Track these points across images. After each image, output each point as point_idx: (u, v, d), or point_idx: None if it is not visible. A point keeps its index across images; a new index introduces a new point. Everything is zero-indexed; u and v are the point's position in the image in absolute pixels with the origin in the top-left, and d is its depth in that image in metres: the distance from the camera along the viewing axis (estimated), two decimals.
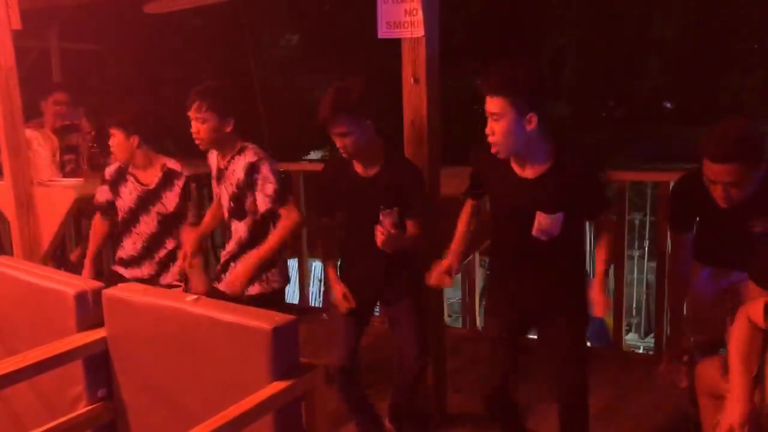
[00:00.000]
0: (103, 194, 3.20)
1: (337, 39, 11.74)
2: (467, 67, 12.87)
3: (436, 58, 2.87)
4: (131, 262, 3.16)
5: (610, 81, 14.29)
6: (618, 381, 3.32)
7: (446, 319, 4.36)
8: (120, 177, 3.14)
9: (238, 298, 2.62)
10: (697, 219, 2.50)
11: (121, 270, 3.17)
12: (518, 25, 13.18)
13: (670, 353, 2.52)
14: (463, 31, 12.43)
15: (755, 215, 2.01)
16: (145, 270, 3.14)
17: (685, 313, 2.62)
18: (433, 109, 2.88)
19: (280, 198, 2.67)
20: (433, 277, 2.42)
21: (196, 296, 1.85)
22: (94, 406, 2.02)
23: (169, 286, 3.06)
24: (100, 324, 2.00)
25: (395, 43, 2.89)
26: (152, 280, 3.08)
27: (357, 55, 11.36)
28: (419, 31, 2.77)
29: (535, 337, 2.65)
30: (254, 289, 2.74)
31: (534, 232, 2.21)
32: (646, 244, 8.57)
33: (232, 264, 2.81)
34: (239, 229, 2.78)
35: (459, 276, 4.26)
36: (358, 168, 2.61)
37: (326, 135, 2.55)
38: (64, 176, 3.89)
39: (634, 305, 8.67)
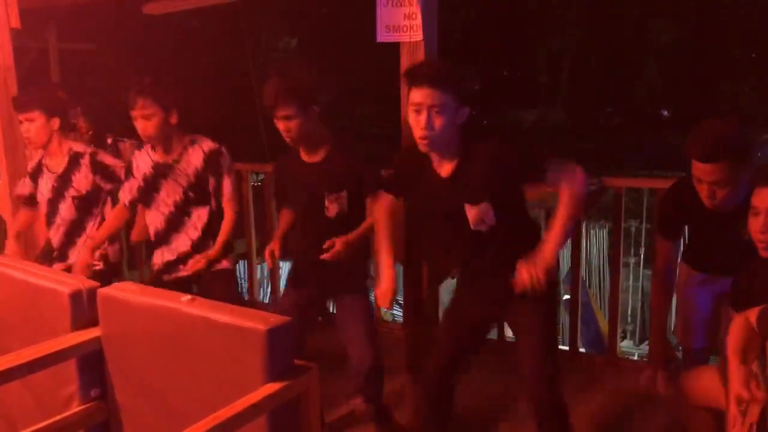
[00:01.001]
0: (25, 187, 3.22)
1: (335, 42, 11.77)
2: (464, 72, 12.91)
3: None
4: (58, 255, 3.17)
5: (607, 88, 14.34)
6: (612, 388, 3.32)
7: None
8: (38, 170, 3.17)
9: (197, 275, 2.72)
10: (689, 226, 2.51)
11: (56, 265, 3.15)
12: (515, 31, 13.22)
13: (655, 360, 2.52)
14: (461, 35, 12.47)
15: (744, 222, 2.02)
16: (71, 259, 3.14)
17: (675, 319, 2.63)
18: None
19: (234, 186, 2.78)
20: (380, 302, 2.32)
21: (191, 296, 1.85)
22: (87, 405, 2.01)
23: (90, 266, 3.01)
24: (94, 323, 2.00)
25: (393, 47, 2.90)
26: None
27: (355, 58, 11.38)
28: (418, 36, 2.79)
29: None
30: (222, 265, 2.81)
31: (471, 226, 2.18)
32: (642, 251, 8.57)
33: (195, 255, 2.80)
34: (202, 215, 2.79)
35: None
36: (303, 156, 2.61)
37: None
38: None
39: (629, 312, 8.67)
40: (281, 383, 1.65)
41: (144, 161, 2.83)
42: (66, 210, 3.13)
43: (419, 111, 2.07)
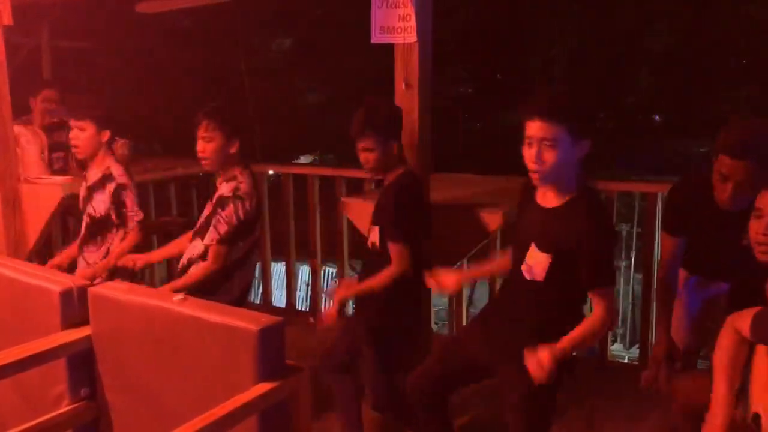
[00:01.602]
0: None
1: (329, 44, 11.76)
2: (458, 75, 12.93)
3: (428, 64, 2.89)
4: (69, 267, 3.14)
5: (600, 93, 14.40)
6: (602, 391, 3.33)
7: (433, 326, 4.36)
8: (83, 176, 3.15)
9: None
10: (691, 224, 2.50)
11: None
12: (510, 36, 13.26)
13: (657, 358, 2.52)
14: (453, 40, 12.49)
15: (746, 227, 2.02)
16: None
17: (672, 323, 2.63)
18: (424, 115, 2.89)
19: (219, 241, 2.67)
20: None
21: (182, 296, 1.84)
22: (77, 405, 2.00)
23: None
24: (85, 322, 1.99)
25: (388, 49, 2.90)
26: None
27: (349, 60, 11.38)
28: (412, 37, 2.79)
29: None
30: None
31: (522, 268, 2.08)
32: (633, 255, 8.63)
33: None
34: (197, 246, 2.76)
35: None
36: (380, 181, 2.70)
37: (322, 137, 2.57)
38: (52, 174, 3.86)
39: (620, 316, 8.71)
40: (272, 383, 1.65)
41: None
42: (83, 225, 3.10)
43: (531, 144, 1.96)
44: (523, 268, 2.08)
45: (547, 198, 2.08)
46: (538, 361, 1.96)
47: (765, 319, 1.83)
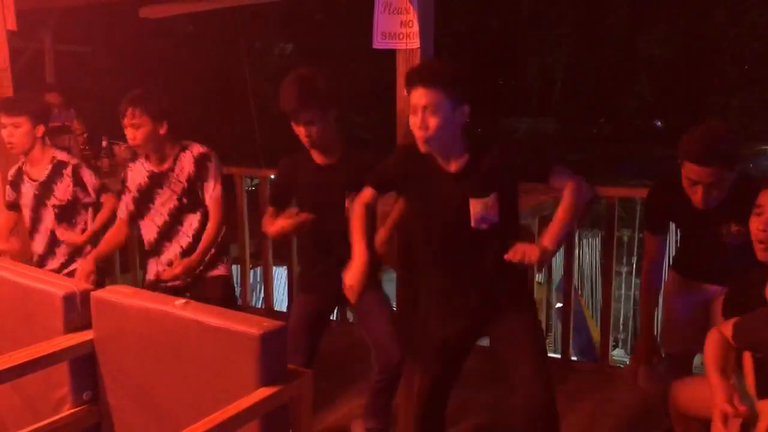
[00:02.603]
0: (8, 195, 3.21)
1: (331, 49, 11.79)
2: None
3: None
4: (38, 263, 3.16)
5: (599, 99, 14.42)
6: (603, 396, 3.33)
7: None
8: (18, 177, 3.16)
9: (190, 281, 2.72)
10: (677, 226, 2.55)
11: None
12: (509, 41, 13.29)
13: (638, 355, 2.55)
14: (452, 46, 12.52)
15: (724, 222, 2.07)
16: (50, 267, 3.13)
17: (662, 324, 2.65)
18: None
19: (223, 198, 2.77)
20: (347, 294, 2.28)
21: (185, 300, 1.84)
22: (79, 409, 2.00)
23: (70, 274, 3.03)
24: (87, 326, 1.99)
25: (390, 55, 2.90)
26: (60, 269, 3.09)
27: (351, 65, 11.40)
28: (414, 43, 2.79)
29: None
30: (218, 271, 2.82)
31: (473, 224, 2.13)
32: (635, 260, 8.62)
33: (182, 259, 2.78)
34: (193, 221, 2.79)
35: None
36: (317, 158, 2.60)
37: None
38: None
39: (621, 321, 8.70)
40: (274, 388, 1.65)
41: (139, 172, 2.84)
42: (48, 218, 3.12)
43: (415, 112, 2.07)
44: (475, 224, 2.13)
45: (450, 165, 2.16)
46: (528, 248, 2.05)
47: (745, 327, 1.86)
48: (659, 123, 15.56)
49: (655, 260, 2.54)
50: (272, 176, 5.15)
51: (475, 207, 2.13)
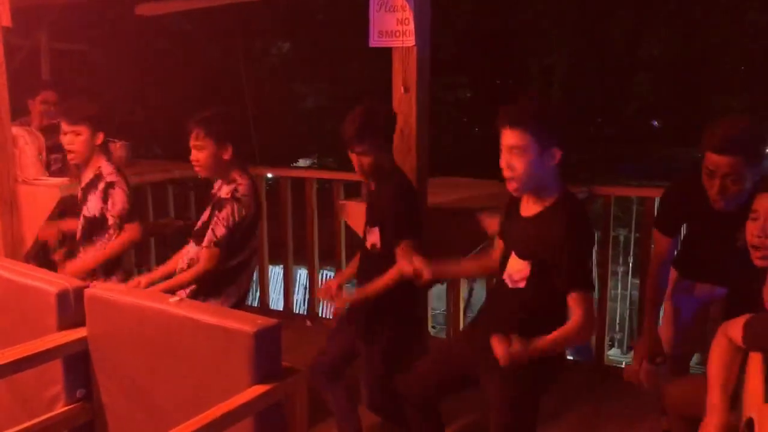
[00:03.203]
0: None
1: (328, 48, 11.77)
2: (457, 80, 12.96)
3: (427, 68, 2.89)
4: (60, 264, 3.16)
5: (598, 99, 14.42)
6: (597, 395, 3.33)
7: (430, 329, 4.36)
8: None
9: None
10: (687, 226, 2.52)
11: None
12: (508, 42, 13.29)
13: (641, 353, 2.53)
14: (452, 46, 12.51)
15: (741, 228, 2.04)
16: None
17: (661, 324, 2.64)
18: (422, 119, 2.89)
19: (215, 243, 2.66)
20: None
21: (178, 297, 1.84)
22: (72, 406, 2.00)
23: None
24: (81, 323, 1.99)
25: (388, 54, 2.90)
26: None
27: (348, 64, 11.40)
28: (410, 41, 2.79)
29: None
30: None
31: (504, 276, 2.11)
32: (631, 260, 8.64)
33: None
34: (191, 252, 2.77)
35: (444, 287, 4.26)
36: (372, 184, 2.67)
37: (321, 140, 2.55)
38: (50, 175, 3.85)
39: (617, 321, 8.72)
40: (268, 385, 1.65)
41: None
42: (79, 228, 3.08)
43: (502, 152, 2.04)
44: (504, 276, 2.12)
45: (528, 207, 2.12)
46: (507, 345, 1.93)
47: (756, 326, 1.83)
48: (656, 123, 15.57)
49: (663, 261, 2.51)
50: (269, 174, 5.17)
51: (512, 264, 2.11)
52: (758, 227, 1.91)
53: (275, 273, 6.82)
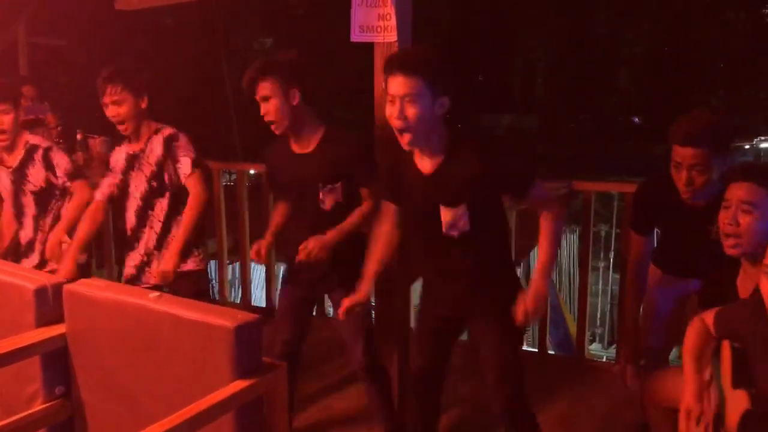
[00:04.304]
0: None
1: (311, 44, 11.74)
2: None
3: None
4: (26, 250, 3.13)
5: (580, 95, 14.53)
6: (578, 389, 3.36)
7: (413, 324, 4.36)
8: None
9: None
10: (660, 223, 2.56)
11: (24, 261, 3.10)
12: (492, 38, 13.33)
13: (624, 355, 2.57)
14: (435, 43, 12.53)
15: (713, 221, 2.08)
16: (35, 255, 3.10)
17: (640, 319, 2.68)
18: None
19: (194, 164, 2.68)
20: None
21: (158, 293, 1.83)
22: (51, 403, 1.98)
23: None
24: (59, 320, 1.97)
25: (370, 50, 2.90)
26: (41, 266, 3.03)
27: (330, 58, 11.37)
28: (392, 36, 2.79)
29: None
30: (189, 265, 2.75)
31: (443, 229, 2.09)
32: (612, 255, 8.71)
33: (156, 253, 2.77)
34: (163, 205, 2.76)
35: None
36: (293, 146, 2.53)
37: None
38: None
39: (599, 316, 8.79)
40: (249, 381, 1.64)
41: (120, 153, 2.81)
42: (28, 205, 3.07)
43: (393, 101, 1.97)
44: (446, 229, 2.10)
45: (425, 165, 2.09)
46: (536, 297, 2.06)
47: (725, 315, 1.88)
48: (637, 119, 15.71)
49: (641, 260, 2.55)
50: (251, 171, 5.14)
51: (445, 215, 2.08)
52: (730, 215, 1.95)
53: (258, 270, 6.80)
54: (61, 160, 3.01)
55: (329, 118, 2.58)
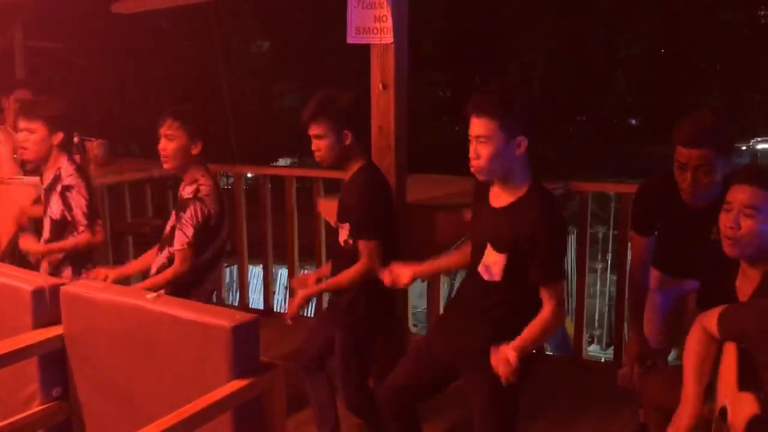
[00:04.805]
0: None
1: (308, 46, 11.75)
2: (437, 79, 13.01)
3: (405, 65, 2.90)
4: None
5: (577, 97, 14.55)
6: (575, 389, 3.36)
7: (411, 327, 4.37)
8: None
9: None
10: (660, 223, 2.55)
11: None
12: (488, 41, 13.35)
13: (630, 357, 2.56)
14: (432, 44, 12.55)
15: (715, 222, 2.08)
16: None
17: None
18: (400, 116, 2.90)
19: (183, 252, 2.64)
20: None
21: (156, 294, 1.83)
22: (49, 405, 1.98)
23: None
24: (57, 321, 1.97)
25: (368, 53, 2.90)
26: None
27: (328, 61, 11.38)
28: (388, 38, 2.80)
29: None
30: None
31: (479, 267, 2.11)
32: (609, 257, 8.73)
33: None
34: (159, 259, 2.74)
35: (425, 284, 4.28)
36: (342, 173, 2.65)
37: (301, 139, 2.55)
38: (24, 174, 3.81)
39: (597, 317, 8.80)
40: (246, 380, 1.65)
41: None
42: (46, 228, 3.02)
43: (470, 141, 2.04)
44: (480, 269, 2.11)
45: (499, 198, 2.12)
46: (504, 358, 1.99)
47: (731, 316, 1.86)
48: (634, 121, 15.73)
49: (642, 262, 2.54)
50: (249, 174, 5.14)
51: (488, 256, 2.10)
52: (732, 218, 1.94)
53: (255, 273, 6.80)
54: (75, 204, 2.92)
55: None
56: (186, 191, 2.68)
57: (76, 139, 4.53)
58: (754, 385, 1.72)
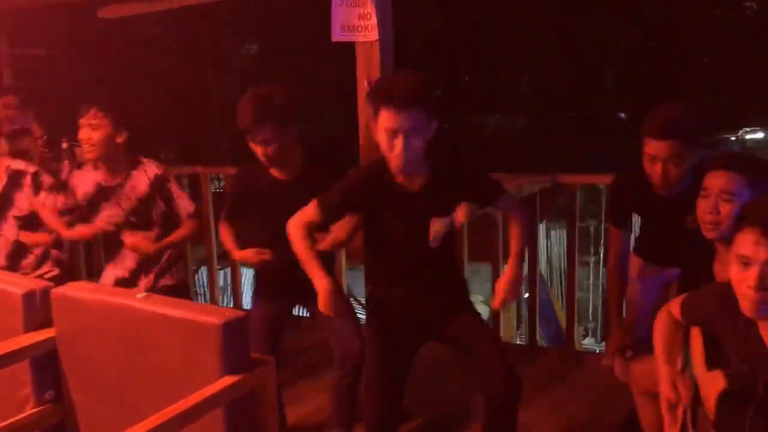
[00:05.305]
0: None
1: (297, 49, 11.76)
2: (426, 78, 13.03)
3: (390, 63, 2.92)
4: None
5: (567, 93, 14.60)
6: (567, 378, 3.39)
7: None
8: None
9: (152, 289, 2.69)
10: (639, 214, 2.58)
11: None
12: (477, 38, 13.39)
13: (612, 348, 2.59)
14: (422, 43, 12.58)
15: (689, 210, 2.10)
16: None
17: (625, 311, 2.70)
18: None
19: (196, 214, 2.78)
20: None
21: (145, 293, 1.84)
22: (42, 408, 1.99)
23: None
24: (48, 324, 1.98)
25: (353, 51, 2.92)
26: None
27: (317, 63, 11.39)
28: (373, 35, 2.82)
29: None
30: (169, 281, 2.79)
31: (431, 242, 2.18)
32: (602, 250, 8.77)
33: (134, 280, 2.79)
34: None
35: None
36: (275, 172, 2.53)
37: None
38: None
39: (590, 310, 8.84)
40: (237, 376, 1.66)
41: (85, 180, 2.78)
42: (8, 230, 3.04)
43: (395, 135, 1.99)
44: (432, 242, 2.18)
45: (413, 183, 2.14)
46: (509, 283, 2.17)
47: (691, 303, 1.90)
48: (623, 115, 15.80)
49: (621, 253, 2.58)
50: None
51: (436, 226, 2.17)
52: (710, 204, 1.97)
53: (248, 274, 6.80)
54: (51, 181, 3.02)
55: (320, 122, 2.60)
56: (139, 177, 2.71)
57: (64, 145, 4.53)
58: (720, 361, 1.76)
